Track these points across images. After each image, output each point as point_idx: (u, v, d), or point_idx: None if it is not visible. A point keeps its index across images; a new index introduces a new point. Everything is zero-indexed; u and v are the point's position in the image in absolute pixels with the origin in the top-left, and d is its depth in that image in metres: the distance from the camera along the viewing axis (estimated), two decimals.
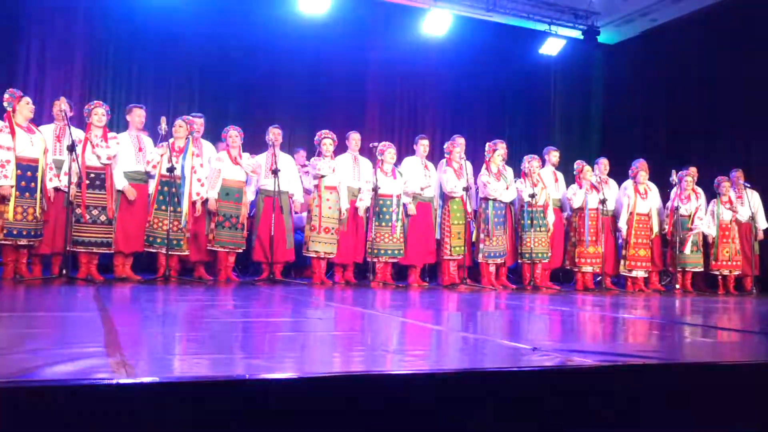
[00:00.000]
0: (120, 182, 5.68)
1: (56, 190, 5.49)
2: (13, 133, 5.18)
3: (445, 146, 7.06)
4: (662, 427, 1.75)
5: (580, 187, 7.24)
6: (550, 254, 7.10)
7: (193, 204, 5.87)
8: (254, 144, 7.04)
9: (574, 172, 7.38)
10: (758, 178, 8.56)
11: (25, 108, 5.29)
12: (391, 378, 1.60)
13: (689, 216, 7.60)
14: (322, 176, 6.36)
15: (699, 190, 7.90)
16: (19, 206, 5.16)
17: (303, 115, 9.39)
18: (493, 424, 1.59)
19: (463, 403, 1.58)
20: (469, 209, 6.80)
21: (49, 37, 8.23)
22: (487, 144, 7.11)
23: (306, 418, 1.43)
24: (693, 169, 7.89)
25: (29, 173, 5.24)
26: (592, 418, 1.70)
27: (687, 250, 7.53)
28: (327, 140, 6.43)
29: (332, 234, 6.36)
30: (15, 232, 5.16)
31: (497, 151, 6.97)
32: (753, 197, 8.01)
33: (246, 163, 6.21)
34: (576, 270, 7.32)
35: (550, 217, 7.14)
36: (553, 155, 7.59)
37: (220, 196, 6.11)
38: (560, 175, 7.62)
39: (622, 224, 7.45)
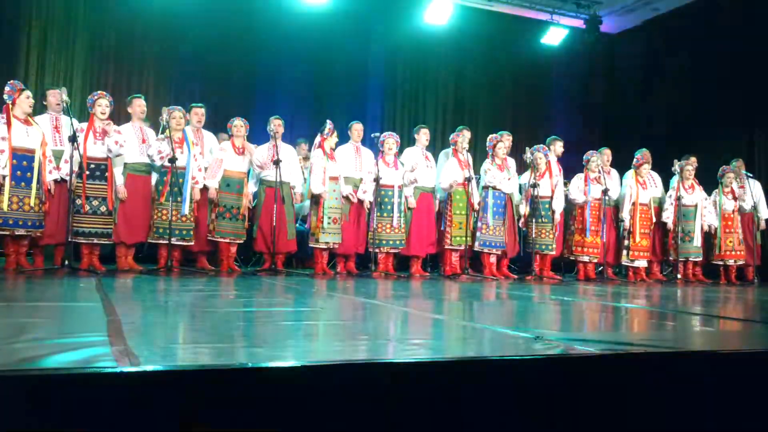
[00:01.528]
0: (118, 179, 5.67)
1: (56, 182, 5.48)
2: (9, 123, 5.18)
3: (451, 137, 7.05)
4: (663, 415, 1.76)
5: (585, 180, 7.21)
6: (554, 246, 7.09)
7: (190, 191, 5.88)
8: (256, 134, 7.03)
9: (584, 164, 7.36)
10: (760, 168, 8.55)
11: (24, 102, 5.28)
12: (393, 366, 1.61)
13: (693, 206, 7.60)
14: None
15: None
16: (15, 196, 5.15)
17: (304, 105, 9.38)
18: (495, 413, 1.59)
19: (464, 391, 1.59)
20: (474, 200, 6.78)
21: (50, 28, 8.22)
22: (491, 136, 7.11)
23: (308, 406, 1.43)
24: (693, 159, 7.88)
25: (24, 163, 5.23)
26: (594, 406, 1.70)
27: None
28: (335, 133, 6.44)
29: (338, 224, 6.36)
30: (11, 222, 5.16)
31: (501, 143, 6.97)
32: (755, 187, 8.00)
33: (256, 157, 6.20)
34: (573, 258, 7.33)
35: (558, 207, 7.11)
36: (558, 146, 7.55)
37: (220, 187, 6.12)
38: (560, 166, 7.61)
39: (625, 214, 7.44)
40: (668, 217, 7.57)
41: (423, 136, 6.94)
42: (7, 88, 5.27)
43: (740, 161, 8.10)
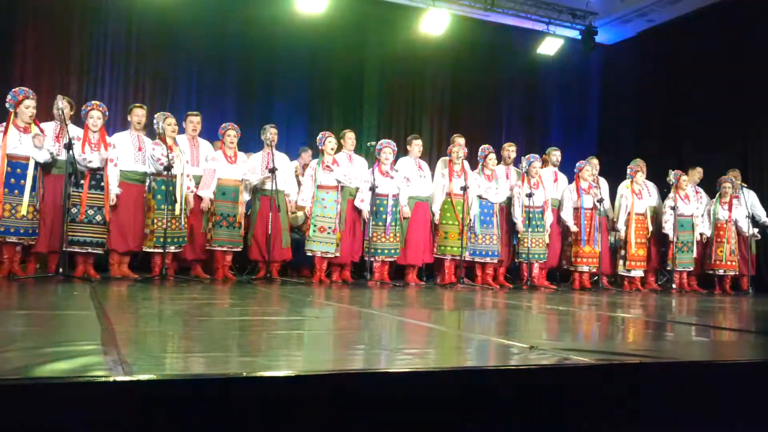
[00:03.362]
0: (114, 187, 5.64)
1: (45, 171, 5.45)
2: (5, 132, 5.17)
3: (448, 148, 7.08)
4: (658, 425, 1.75)
5: (578, 191, 7.23)
6: (547, 254, 7.12)
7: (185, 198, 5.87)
8: (251, 142, 7.03)
9: (576, 171, 7.38)
10: (755, 178, 8.58)
11: (23, 110, 5.27)
12: (388, 376, 1.60)
13: (690, 216, 7.62)
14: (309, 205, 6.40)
15: (700, 190, 7.93)
16: (7, 203, 5.14)
17: (300, 113, 9.38)
18: (489, 423, 1.59)
19: (459, 401, 1.58)
20: (473, 210, 6.78)
21: (45, 35, 8.21)
22: (483, 146, 7.15)
23: (302, 416, 1.43)
24: (697, 170, 7.93)
25: (18, 170, 5.21)
26: (588, 416, 1.70)
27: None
28: (330, 139, 6.47)
29: (328, 233, 6.36)
30: (2, 230, 5.13)
31: (491, 154, 7.02)
32: (750, 197, 8.03)
33: (249, 176, 6.23)
34: (573, 269, 7.33)
35: (548, 218, 7.15)
36: (554, 155, 7.61)
37: (216, 196, 6.11)
38: (561, 176, 7.63)
39: (621, 225, 7.45)
40: (669, 228, 7.55)
41: (415, 147, 6.96)
42: (9, 97, 5.28)
43: (736, 171, 8.13)
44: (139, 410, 1.32)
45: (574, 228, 7.19)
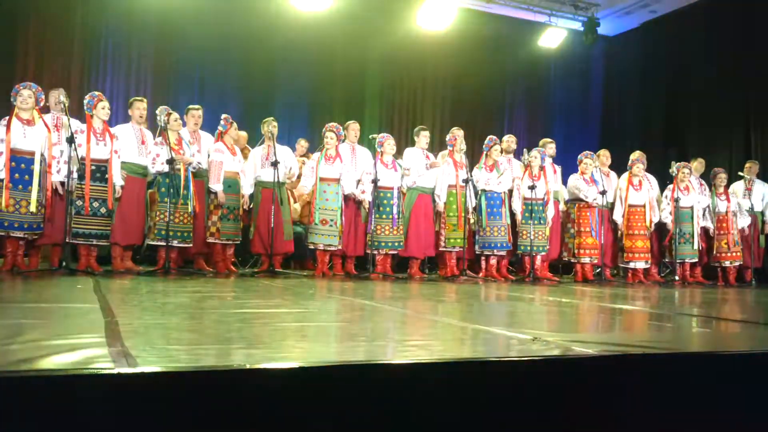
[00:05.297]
0: (118, 179, 5.65)
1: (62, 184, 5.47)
2: (8, 126, 5.17)
3: (447, 138, 7.08)
4: (661, 416, 1.76)
5: (583, 179, 7.23)
6: (548, 247, 7.11)
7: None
8: (253, 136, 7.03)
9: (577, 164, 7.38)
10: (759, 171, 8.56)
11: (21, 103, 5.26)
12: (391, 367, 1.60)
13: (689, 208, 7.60)
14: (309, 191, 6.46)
15: (704, 182, 7.92)
16: (12, 198, 5.14)
17: (303, 106, 9.38)
18: (493, 414, 1.59)
19: (463, 392, 1.59)
20: (470, 204, 6.79)
21: (47, 29, 8.21)
22: (490, 137, 7.15)
23: (306, 408, 1.43)
24: (699, 161, 7.90)
25: (23, 165, 5.21)
26: (591, 407, 1.70)
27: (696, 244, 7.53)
28: (330, 133, 6.46)
29: (330, 226, 6.36)
30: (6, 224, 5.13)
31: (496, 146, 7.01)
32: (762, 189, 8.02)
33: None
34: (575, 261, 7.33)
35: (550, 210, 7.14)
36: (549, 147, 7.59)
37: (223, 189, 6.12)
38: (558, 167, 7.62)
39: (617, 216, 7.45)
40: (666, 217, 7.56)
41: (423, 138, 6.94)
42: (13, 92, 5.29)
43: (752, 163, 8.10)
44: (144, 402, 1.33)
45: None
